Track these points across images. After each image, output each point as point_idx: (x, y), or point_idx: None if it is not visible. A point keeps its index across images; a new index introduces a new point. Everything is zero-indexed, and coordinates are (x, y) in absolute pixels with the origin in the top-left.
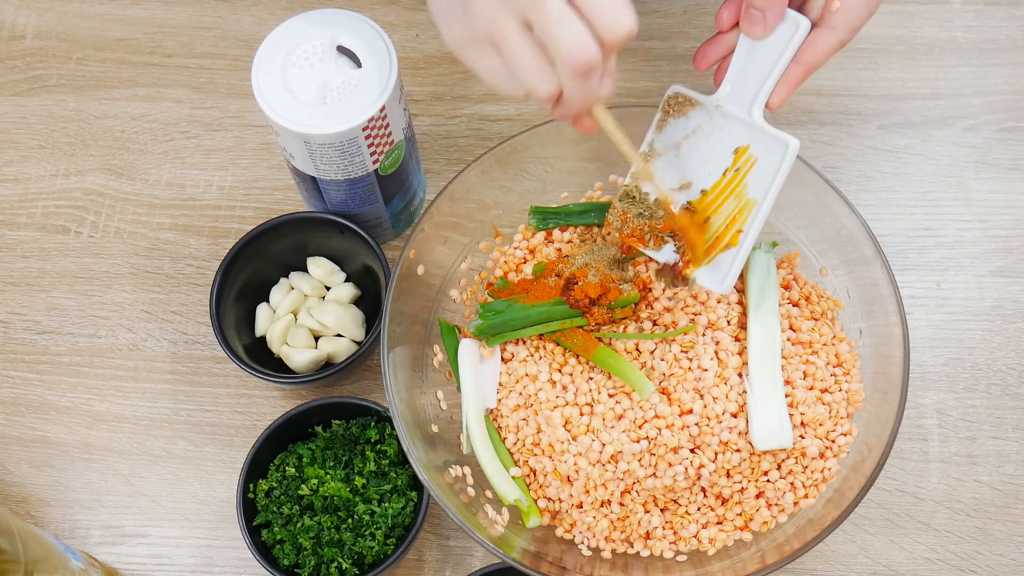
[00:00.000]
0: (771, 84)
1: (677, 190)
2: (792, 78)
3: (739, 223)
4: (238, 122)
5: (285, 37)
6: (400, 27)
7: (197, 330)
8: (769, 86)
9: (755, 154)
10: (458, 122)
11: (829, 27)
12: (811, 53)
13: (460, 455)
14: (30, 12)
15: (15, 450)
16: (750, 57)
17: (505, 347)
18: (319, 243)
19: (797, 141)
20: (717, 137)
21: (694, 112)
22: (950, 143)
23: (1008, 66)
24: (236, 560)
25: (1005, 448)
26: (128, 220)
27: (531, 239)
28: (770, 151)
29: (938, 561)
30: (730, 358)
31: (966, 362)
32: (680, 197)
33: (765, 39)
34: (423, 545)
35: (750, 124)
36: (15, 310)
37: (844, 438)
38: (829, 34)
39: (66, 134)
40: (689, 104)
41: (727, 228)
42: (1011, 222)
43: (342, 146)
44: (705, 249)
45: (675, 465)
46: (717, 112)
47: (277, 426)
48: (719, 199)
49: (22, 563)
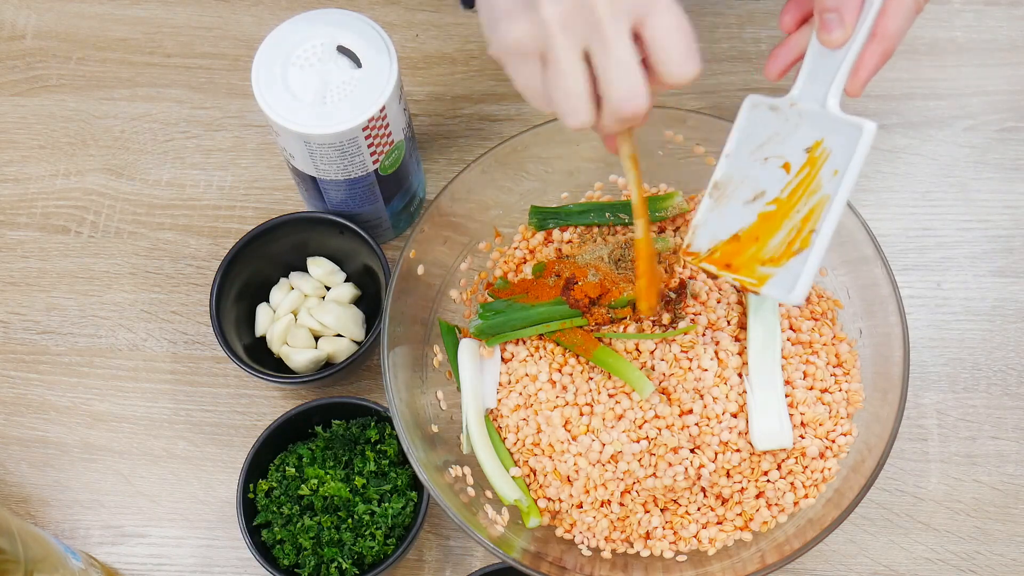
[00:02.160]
0: (847, 68)
1: (751, 201)
2: (872, 56)
3: (811, 223)
4: (238, 122)
5: (285, 37)
6: (400, 27)
7: (197, 330)
8: (845, 70)
9: (829, 147)
10: (458, 122)
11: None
12: (886, 22)
13: (460, 455)
14: (30, 12)
15: (15, 450)
16: (820, 49)
17: (505, 347)
18: (319, 243)
19: (873, 124)
20: (791, 140)
21: (769, 117)
22: (950, 143)
23: (1008, 66)
24: (236, 560)
25: (1005, 448)
26: (128, 220)
27: (531, 239)
28: (844, 140)
29: (938, 561)
30: (730, 358)
31: (966, 362)
32: (752, 208)
33: None
34: (423, 545)
35: (823, 118)
36: (15, 310)
37: (844, 438)
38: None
39: (66, 134)
40: (765, 108)
41: (798, 232)
42: (1011, 222)
43: (342, 146)
44: (770, 258)
45: (675, 465)
46: (792, 112)
47: (277, 426)
48: (791, 202)
49: (22, 563)
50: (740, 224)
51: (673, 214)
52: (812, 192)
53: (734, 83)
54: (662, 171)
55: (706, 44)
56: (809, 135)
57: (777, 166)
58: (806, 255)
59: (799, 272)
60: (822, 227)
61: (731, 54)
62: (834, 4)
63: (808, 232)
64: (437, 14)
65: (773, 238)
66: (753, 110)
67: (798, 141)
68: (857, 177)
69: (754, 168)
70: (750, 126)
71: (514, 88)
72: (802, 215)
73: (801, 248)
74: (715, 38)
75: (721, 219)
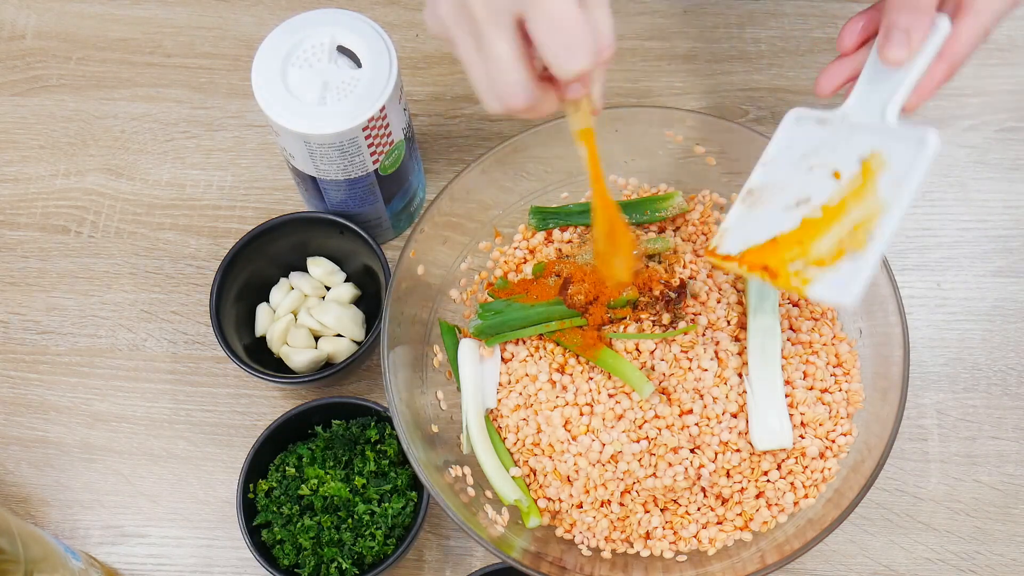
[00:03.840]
0: (910, 84)
1: (794, 207)
2: (935, 76)
3: (865, 228)
4: (238, 122)
5: (285, 37)
6: (400, 27)
7: (197, 330)
8: (908, 86)
9: (886, 156)
10: (458, 122)
11: (973, 13)
12: (954, 46)
13: (460, 455)
14: (30, 12)
15: (15, 450)
16: (881, 65)
17: (505, 347)
18: (319, 243)
19: (937, 135)
20: (842, 150)
21: (815, 130)
22: (950, 143)
23: (1008, 66)
24: (236, 560)
25: (1005, 448)
26: (128, 220)
27: (531, 239)
28: (904, 150)
29: (938, 561)
30: (730, 358)
31: (966, 362)
32: (794, 214)
33: None
34: (423, 545)
35: (881, 128)
36: (15, 310)
37: (844, 438)
38: (973, 21)
39: (66, 134)
40: (812, 122)
41: (851, 236)
42: (1011, 222)
43: (342, 146)
44: (816, 261)
45: (675, 465)
46: (843, 125)
47: (277, 426)
48: (841, 209)
49: (22, 563)
50: (779, 228)
51: (673, 214)
52: (866, 200)
53: (734, 83)
54: (662, 171)
55: (706, 44)
56: (865, 144)
57: (825, 174)
58: (861, 256)
59: (855, 271)
60: (882, 232)
61: (731, 54)
62: (906, 24)
63: (863, 235)
64: None
65: (818, 243)
66: (798, 123)
67: (851, 150)
68: (921, 185)
69: (798, 175)
70: (792, 138)
71: None
72: (855, 220)
73: (853, 249)
74: (715, 38)
75: (756, 223)
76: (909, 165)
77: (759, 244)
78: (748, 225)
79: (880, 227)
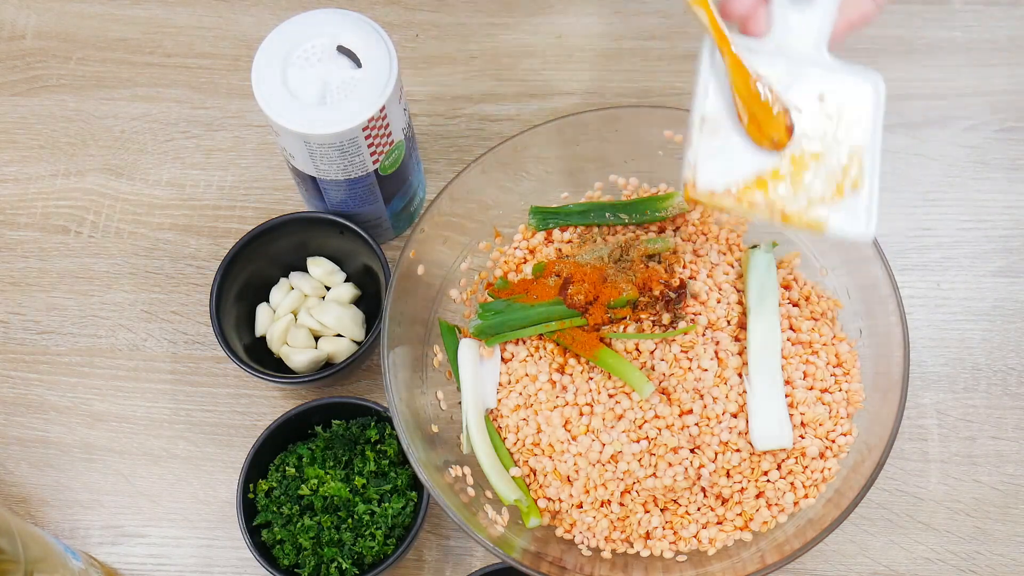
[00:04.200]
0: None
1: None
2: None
3: (855, 168)
4: (238, 122)
5: (285, 37)
6: (400, 27)
7: (197, 330)
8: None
9: (842, 98)
10: (458, 122)
11: None
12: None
13: (460, 455)
14: (30, 12)
15: (15, 450)
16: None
17: (505, 347)
18: (319, 243)
19: (879, 75)
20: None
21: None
22: (950, 143)
23: (1008, 66)
24: (236, 560)
25: (1005, 448)
26: (128, 220)
27: (531, 239)
28: (859, 92)
29: (938, 561)
30: (730, 358)
31: (966, 362)
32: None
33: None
34: (423, 545)
35: (822, 64)
36: (15, 310)
37: (844, 438)
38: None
39: (66, 134)
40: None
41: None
42: (1011, 222)
43: (342, 146)
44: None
45: (675, 465)
46: (779, 57)
47: (277, 426)
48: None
49: (22, 563)
50: (760, 165)
51: (673, 214)
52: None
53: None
54: (662, 171)
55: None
56: (814, 82)
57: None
58: (864, 193)
59: (865, 208)
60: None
61: None
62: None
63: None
64: (437, 14)
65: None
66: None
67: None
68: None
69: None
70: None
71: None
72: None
73: (851, 188)
74: None
75: (728, 158)
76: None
77: (747, 182)
78: (719, 159)
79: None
